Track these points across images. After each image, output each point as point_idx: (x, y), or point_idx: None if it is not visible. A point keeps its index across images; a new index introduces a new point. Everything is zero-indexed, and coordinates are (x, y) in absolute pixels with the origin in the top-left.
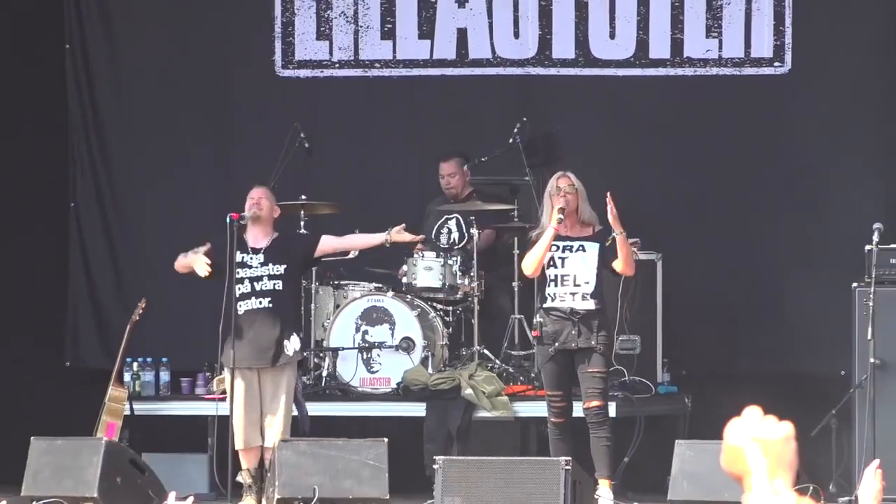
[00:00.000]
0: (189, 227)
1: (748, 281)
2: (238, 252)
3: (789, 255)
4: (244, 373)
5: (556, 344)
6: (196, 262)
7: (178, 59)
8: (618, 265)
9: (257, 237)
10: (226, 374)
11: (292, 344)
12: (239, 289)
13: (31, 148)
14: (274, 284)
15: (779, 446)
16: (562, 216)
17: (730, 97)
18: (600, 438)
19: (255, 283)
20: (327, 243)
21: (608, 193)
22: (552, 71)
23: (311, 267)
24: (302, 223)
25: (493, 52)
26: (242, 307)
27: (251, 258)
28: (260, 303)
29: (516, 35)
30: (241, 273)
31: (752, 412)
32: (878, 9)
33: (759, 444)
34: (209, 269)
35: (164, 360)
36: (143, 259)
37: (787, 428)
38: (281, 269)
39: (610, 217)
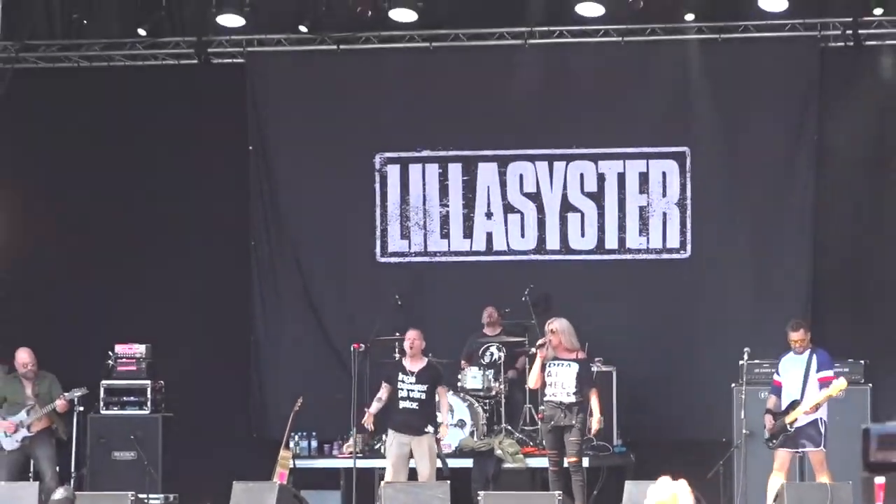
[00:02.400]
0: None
1: (670, 385)
2: (400, 373)
3: (694, 368)
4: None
5: (552, 422)
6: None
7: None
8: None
9: (413, 362)
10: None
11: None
12: (399, 394)
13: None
14: (420, 395)
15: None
16: (543, 349)
17: (653, 274)
18: (577, 480)
19: (410, 393)
20: (441, 392)
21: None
22: (545, 257)
23: None
24: (396, 347)
25: (508, 246)
26: (401, 405)
27: (408, 377)
28: (411, 404)
29: (522, 236)
30: (400, 385)
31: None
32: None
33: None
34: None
35: (314, 433)
36: (298, 359)
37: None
38: (424, 388)
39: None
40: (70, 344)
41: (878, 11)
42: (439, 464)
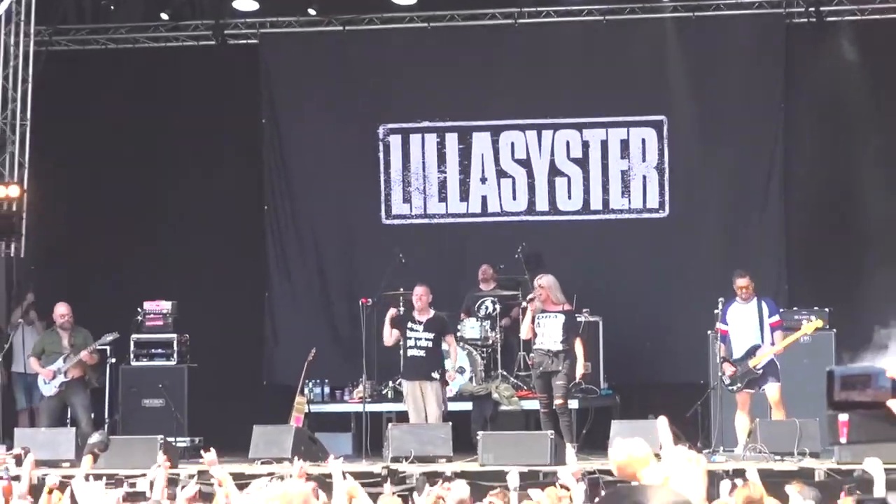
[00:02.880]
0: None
1: (652, 333)
2: (409, 322)
3: (673, 317)
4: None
5: (541, 368)
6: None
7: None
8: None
9: (421, 314)
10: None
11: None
12: (408, 343)
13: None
14: (427, 343)
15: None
16: (533, 302)
17: (634, 232)
18: (565, 421)
19: (417, 342)
20: (450, 340)
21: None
22: (536, 218)
23: None
24: (401, 301)
25: (501, 208)
26: (409, 353)
27: (417, 326)
28: (418, 352)
29: (514, 198)
30: (409, 334)
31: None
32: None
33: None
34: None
35: (326, 380)
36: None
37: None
38: (431, 336)
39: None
40: (103, 302)
41: None
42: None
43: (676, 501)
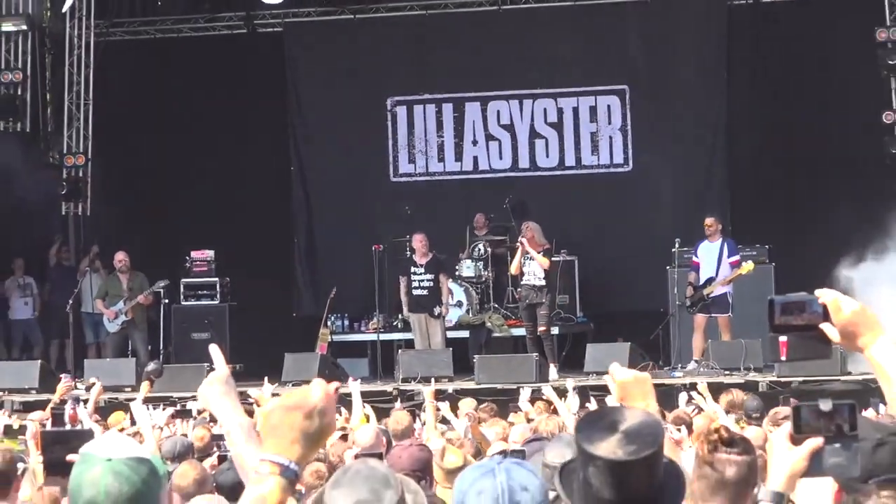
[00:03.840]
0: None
1: (620, 268)
2: (411, 266)
3: (637, 256)
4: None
5: (527, 301)
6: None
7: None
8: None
9: (421, 258)
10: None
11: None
12: (412, 283)
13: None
14: (428, 282)
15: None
16: (520, 244)
17: (603, 184)
18: (548, 345)
19: (420, 282)
20: (443, 280)
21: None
22: (520, 174)
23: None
24: (407, 245)
25: (490, 166)
26: (414, 292)
27: (418, 269)
28: (421, 291)
29: (500, 158)
30: (413, 276)
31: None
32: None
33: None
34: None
35: (346, 314)
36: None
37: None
38: (431, 276)
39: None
40: (154, 249)
41: None
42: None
43: (648, 419)
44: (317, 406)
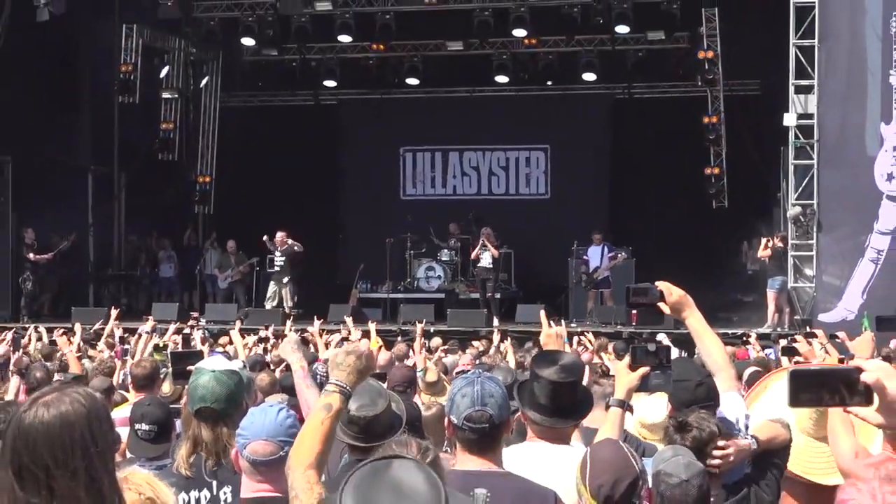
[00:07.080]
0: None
1: (541, 258)
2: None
3: (551, 252)
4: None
5: (481, 277)
6: None
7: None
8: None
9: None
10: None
11: None
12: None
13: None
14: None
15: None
16: (482, 241)
17: (532, 207)
18: (494, 305)
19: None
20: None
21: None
22: (481, 197)
23: None
24: (407, 242)
25: (463, 192)
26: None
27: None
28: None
29: (470, 187)
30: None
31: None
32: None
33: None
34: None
35: (369, 281)
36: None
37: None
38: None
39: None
40: (247, 236)
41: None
42: None
43: (576, 359)
44: (364, 353)
